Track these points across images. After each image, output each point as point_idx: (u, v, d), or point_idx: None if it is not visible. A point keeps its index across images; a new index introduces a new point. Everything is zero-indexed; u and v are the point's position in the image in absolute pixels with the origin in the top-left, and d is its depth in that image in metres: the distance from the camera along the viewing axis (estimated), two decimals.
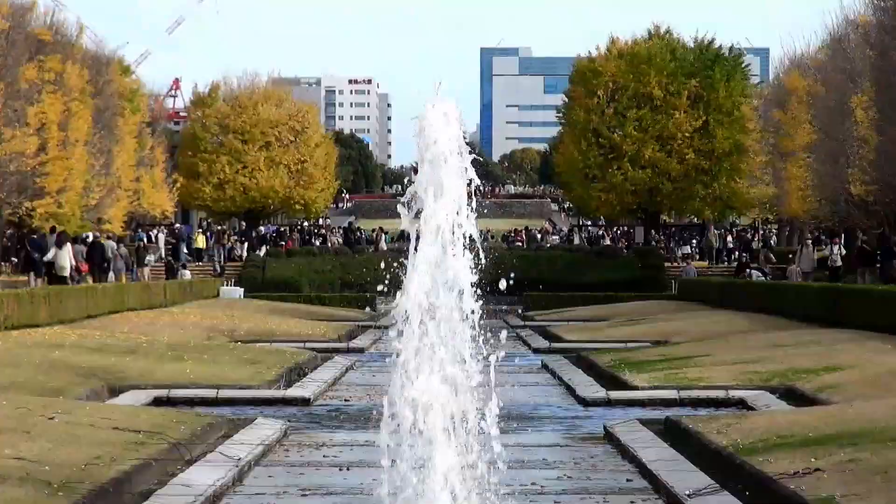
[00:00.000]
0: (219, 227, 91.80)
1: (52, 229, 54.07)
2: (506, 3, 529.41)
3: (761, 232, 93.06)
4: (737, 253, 79.50)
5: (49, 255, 48.84)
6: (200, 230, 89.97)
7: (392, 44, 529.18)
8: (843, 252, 59.01)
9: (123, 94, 78.07)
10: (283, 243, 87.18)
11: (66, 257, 49.14)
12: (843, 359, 26.18)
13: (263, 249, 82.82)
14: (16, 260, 62.44)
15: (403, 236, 9.33)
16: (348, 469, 16.42)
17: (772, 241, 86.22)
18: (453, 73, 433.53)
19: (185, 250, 79.32)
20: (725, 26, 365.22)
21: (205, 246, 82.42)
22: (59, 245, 49.24)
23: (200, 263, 78.05)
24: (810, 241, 61.12)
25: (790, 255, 69.85)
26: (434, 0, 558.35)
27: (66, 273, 48.94)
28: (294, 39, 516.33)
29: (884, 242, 58.96)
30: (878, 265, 54.51)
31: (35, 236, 51.92)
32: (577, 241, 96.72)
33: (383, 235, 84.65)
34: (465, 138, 9.91)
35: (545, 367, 32.03)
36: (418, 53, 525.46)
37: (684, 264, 78.63)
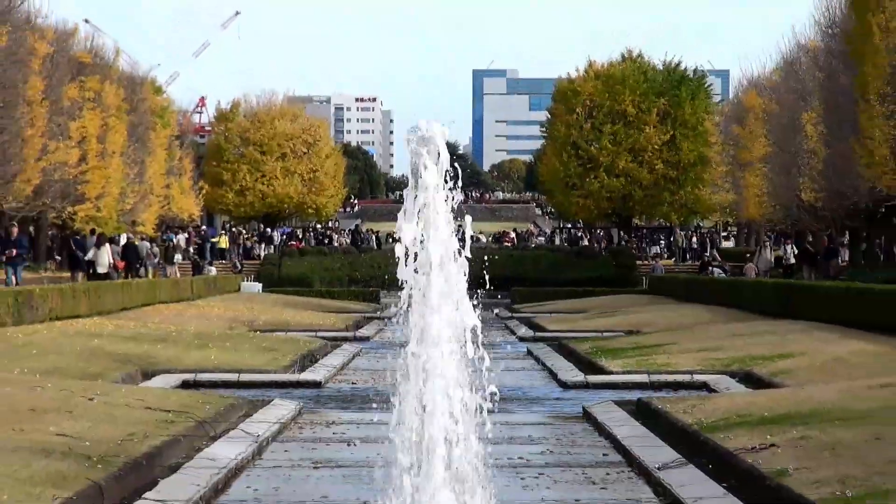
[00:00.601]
0: (234, 229, 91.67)
1: (92, 231, 54.09)
2: (496, 29, 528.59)
3: (706, 234, 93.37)
4: (700, 252, 79.78)
5: (90, 255, 48.93)
6: (224, 232, 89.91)
7: (395, 66, 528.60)
8: (796, 252, 59.15)
9: (155, 110, 77.92)
10: (292, 243, 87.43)
11: (105, 256, 49.26)
12: (795, 347, 26.21)
13: (271, 249, 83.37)
14: (59, 258, 62.42)
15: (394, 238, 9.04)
16: (355, 444, 16.44)
17: (718, 244, 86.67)
18: (449, 91, 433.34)
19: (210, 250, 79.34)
20: (690, 50, 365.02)
21: (227, 246, 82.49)
22: (98, 245, 49.33)
23: (224, 262, 77.98)
24: (768, 243, 61.19)
25: (747, 255, 70.01)
26: (432, 26, 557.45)
27: (105, 270, 48.98)
28: (306, 62, 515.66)
29: (830, 243, 59.19)
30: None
31: (78, 237, 51.92)
32: (558, 242, 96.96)
33: (372, 237, 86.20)
34: (458, 150, 9.80)
35: (530, 353, 32.06)
36: (418, 74, 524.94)
37: (653, 263, 78.50)
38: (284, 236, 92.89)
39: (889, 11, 45.83)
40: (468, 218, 9.71)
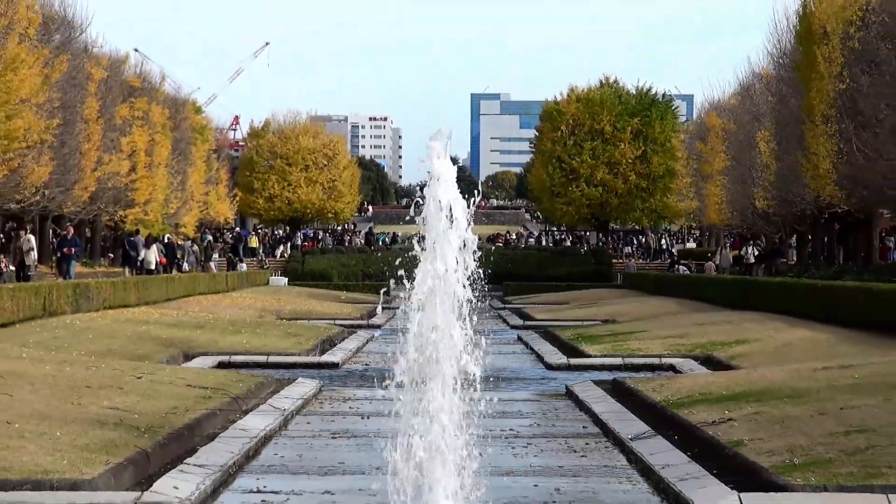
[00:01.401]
0: (259, 231, 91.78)
1: (136, 232, 54.41)
2: (491, 58, 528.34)
3: (674, 236, 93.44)
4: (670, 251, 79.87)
5: (142, 255, 49.41)
6: (254, 233, 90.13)
7: (403, 89, 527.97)
8: (756, 253, 59.40)
9: (195, 128, 77.94)
10: (305, 244, 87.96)
11: (153, 255, 50.01)
12: (750, 335, 26.26)
13: (285, 247, 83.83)
14: (112, 256, 62.54)
15: (396, 239, 8.74)
16: (368, 418, 16.48)
17: (662, 245, 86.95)
18: (450, 111, 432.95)
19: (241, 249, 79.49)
20: (660, 77, 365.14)
21: (258, 245, 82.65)
22: (148, 245, 49.86)
23: (254, 259, 78.10)
24: (728, 244, 61.25)
25: (709, 255, 70.06)
26: (436, 56, 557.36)
27: (153, 267, 49.50)
28: (327, 85, 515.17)
29: (780, 244, 59.31)
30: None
31: (132, 238, 52.22)
32: (544, 242, 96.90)
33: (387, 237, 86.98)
34: (458, 163, 9.69)
35: (520, 339, 32.10)
36: (423, 97, 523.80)
37: (627, 261, 78.66)
38: (303, 236, 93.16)
39: (832, 44, 45.92)
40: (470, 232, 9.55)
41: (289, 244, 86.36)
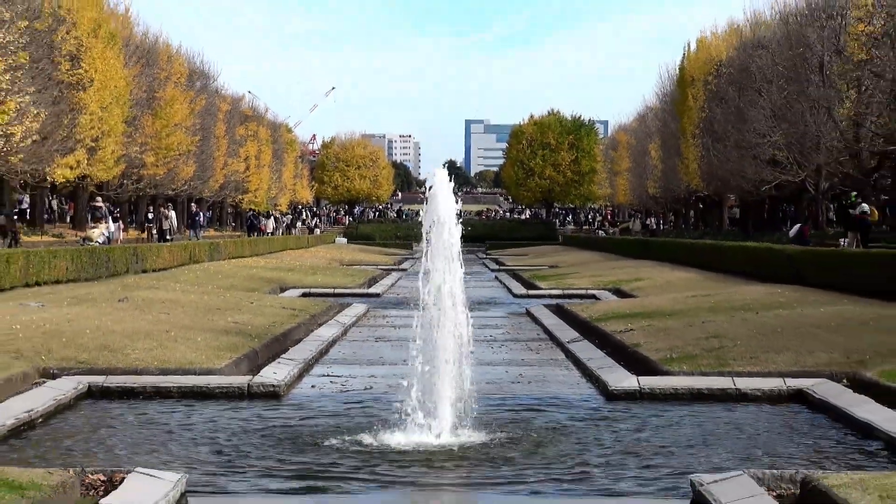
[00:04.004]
0: (315, 210, 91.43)
1: (250, 210, 55.53)
2: (479, 96, 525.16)
3: (587, 212, 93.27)
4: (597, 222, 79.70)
5: (262, 224, 53.71)
6: (324, 211, 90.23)
7: (423, 116, 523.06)
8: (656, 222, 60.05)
9: (287, 142, 77.50)
10: (339, 216, 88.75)
11: (270, 224, 54.43)
12: (644, 275, 26.25)
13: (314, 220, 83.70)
14: (234, 224, 62.70)
15: (418, 214, 8.34)
16: (399, 329, 16.48)
17: (588, 218, 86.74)
18: (452, 130, 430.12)
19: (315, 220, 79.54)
20: (587, 108, 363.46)
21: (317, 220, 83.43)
22: (266, 218, 53.48)
23: (325, 226, 78.11)
24: (638, 216, 61.27)
25: (621, 224, 70.10)
26: (444, 94, 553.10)
27: (270, 230, 53.72)
28: (371, 112, 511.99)
29: (664, 219, 59.39)
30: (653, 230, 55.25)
31: (252, 214, 54.48)
32: (510, 216, 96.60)
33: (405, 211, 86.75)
34: (456, 165, 9.26)
35: (496, 278, 32.04)
36: (435, 121, 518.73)
37: (565, 228, 78.63)
38: (357, 213, 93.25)
39: (697, 87, 45.87)
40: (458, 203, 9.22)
41: (347, 217, 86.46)
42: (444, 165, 9.79)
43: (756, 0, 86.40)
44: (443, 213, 8.46)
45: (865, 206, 26.19)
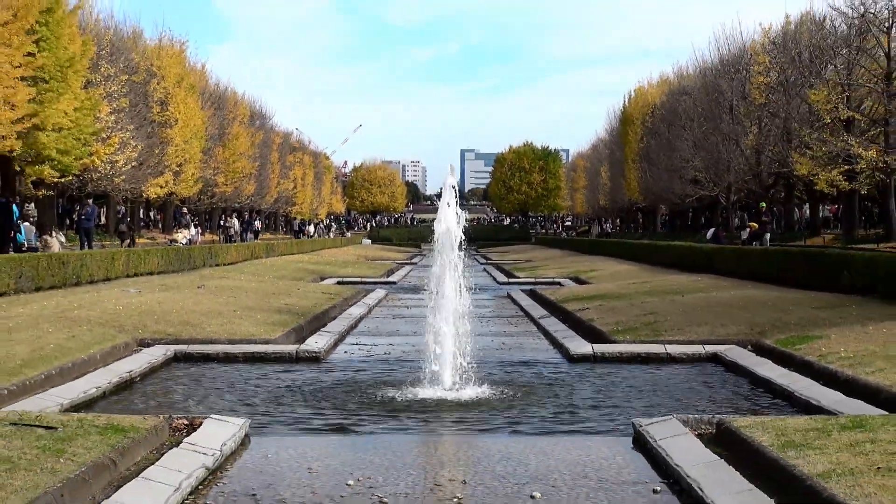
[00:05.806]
0: (342, 218, 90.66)
1: (297, 218, 55.09)
2: (472, 129, 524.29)
3: (554, 220, 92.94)
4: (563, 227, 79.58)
5: (307, 229, 52.66)
6: (353, 219, 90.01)
7: (429, 146, 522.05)
8: (611, 227, 59.86)
9: (325, 167, 77.25)
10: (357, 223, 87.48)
11: (312, 229, 53.27)
12: (598, 266, 26.20)
13: (348, 229, 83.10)
14: (285, 230, 62.52)
15: (423, 221, 8.23)
16: (411, 308, 16.44)
17: (549, 224, 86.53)
18: (449, 157, 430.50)
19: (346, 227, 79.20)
20: (554, 138, 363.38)
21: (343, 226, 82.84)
22: (309, 225, 53.18)
23: (354, 231, 77.85)
24: (597, 223, 61.09)
25: (578, 228, 69.84)
26: (444, 128, 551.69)
27: (311, 234, 51.67)
28: (389, 143, 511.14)
29: (614, 225, 59.08)
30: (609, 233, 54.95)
31: (298, 221, 54.11)
32: (495, 223, 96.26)
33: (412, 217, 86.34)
34: (455, 184, 9.32)
35: (485, 270, 31.98)
36: (438, 150, 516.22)
37: (537, 231, 78.36)
38: (378, 220, 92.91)
39: (636, 124, 45.81)
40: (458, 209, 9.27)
41: (370, 223, 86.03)
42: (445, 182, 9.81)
43: (681, 57, 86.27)
44: (449, 198, 8.46)
45: (750, 222, 26.94)
